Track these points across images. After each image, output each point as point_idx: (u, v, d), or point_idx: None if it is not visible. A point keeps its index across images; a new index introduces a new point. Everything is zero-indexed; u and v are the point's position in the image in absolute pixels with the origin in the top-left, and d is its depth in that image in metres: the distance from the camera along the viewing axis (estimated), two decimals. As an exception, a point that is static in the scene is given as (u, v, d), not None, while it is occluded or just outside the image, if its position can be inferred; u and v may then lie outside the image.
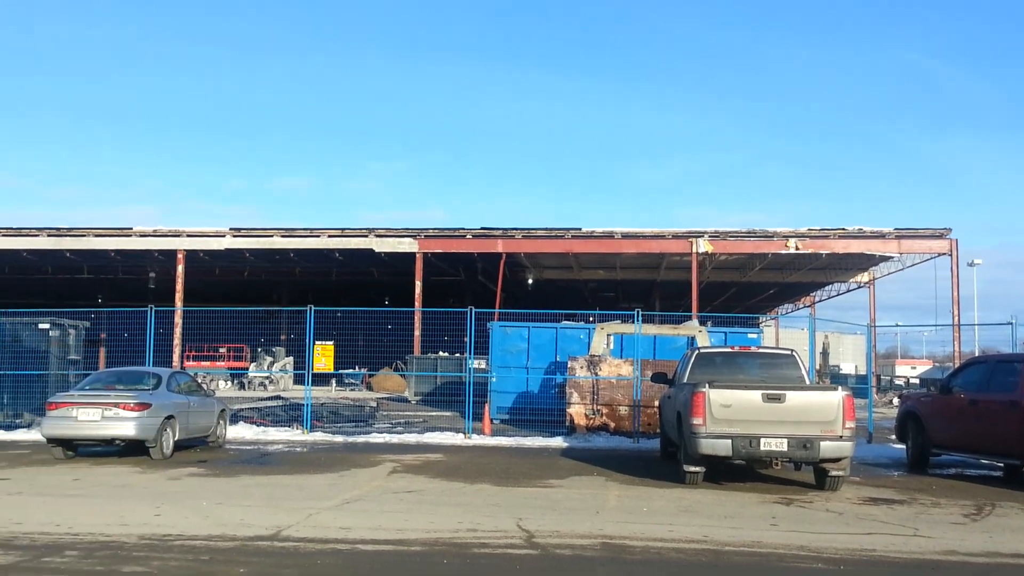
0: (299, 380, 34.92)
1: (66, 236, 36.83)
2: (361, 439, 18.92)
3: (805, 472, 12.77)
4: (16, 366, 20.95)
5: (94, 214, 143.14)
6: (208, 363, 42.81)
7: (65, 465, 14.36)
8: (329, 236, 36.84)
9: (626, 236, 35.91)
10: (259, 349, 44.97)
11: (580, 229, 36.30)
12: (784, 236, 35.07)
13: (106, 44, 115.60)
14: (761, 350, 15.66)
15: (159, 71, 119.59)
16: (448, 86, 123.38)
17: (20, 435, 19.28)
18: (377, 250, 36.54)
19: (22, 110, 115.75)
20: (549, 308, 25.24)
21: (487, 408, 20.30)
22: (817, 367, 25.53)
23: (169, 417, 15.21)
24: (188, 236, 36.88)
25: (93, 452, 16.04)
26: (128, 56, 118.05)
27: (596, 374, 19.63)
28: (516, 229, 36.37)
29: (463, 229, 37.16)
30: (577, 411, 19.62)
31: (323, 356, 33.46)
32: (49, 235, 36.77)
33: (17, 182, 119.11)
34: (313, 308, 20.36)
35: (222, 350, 44.43)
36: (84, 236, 36.80)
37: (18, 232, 36.76)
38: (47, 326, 21.76)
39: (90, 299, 44.92)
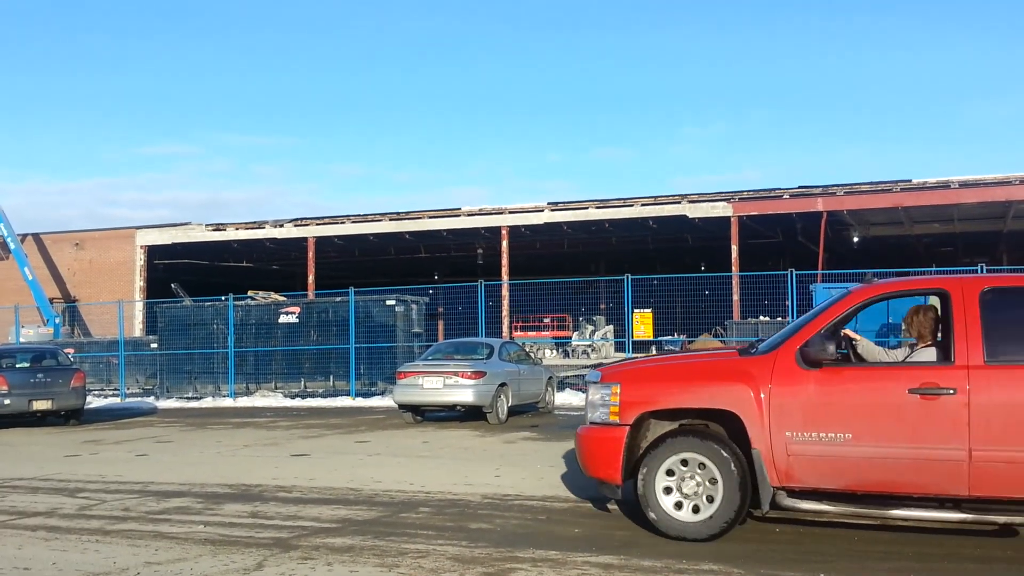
0: (620, 348, 35.66)
1: (405, 219, 40.18)
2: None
3: None
4: (369, 339, 23.32)
5: (428, 197, 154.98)
6: (534, 333, 44.90)
7: (415, 428, 15.78)
8: (642, 205, 37.08)
9: (964, 185, 32.68)
10: (580, 318, 46.42)
11: (910, 180, 33.57)
12: None
13: (426, 37, 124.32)
14: None
15: (477, 59, 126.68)
16: (764, 42, 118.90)
17: (375, 402, 21.46)
18: (690, 216, 36.22)
19: (366, 105, 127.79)
20: (877, 267, 23.66)
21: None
22: None
23: (502, 384, 16.19)
24: (510, 213, 38.77)
25: (437, 417, 17.48)
26: (441, 45, 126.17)
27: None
28: (837, 185, 34.40)
29: (779, 189, 35.78)
30: (915, 376, 18.23)
31: (642, 323, 33.83)
32: (391, 219, 40.32)
33: (362, 171, 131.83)
34: (630, 277, 20.66)
35: (546, 320, 46.42)
36: (420, 219, 39.94)
37: (364, 219, 40.68)
38: (393, 302, 23.99)
39: (427, 276, 48.77)
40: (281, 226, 40.95)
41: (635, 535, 7.23)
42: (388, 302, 24.09)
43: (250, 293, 27.02)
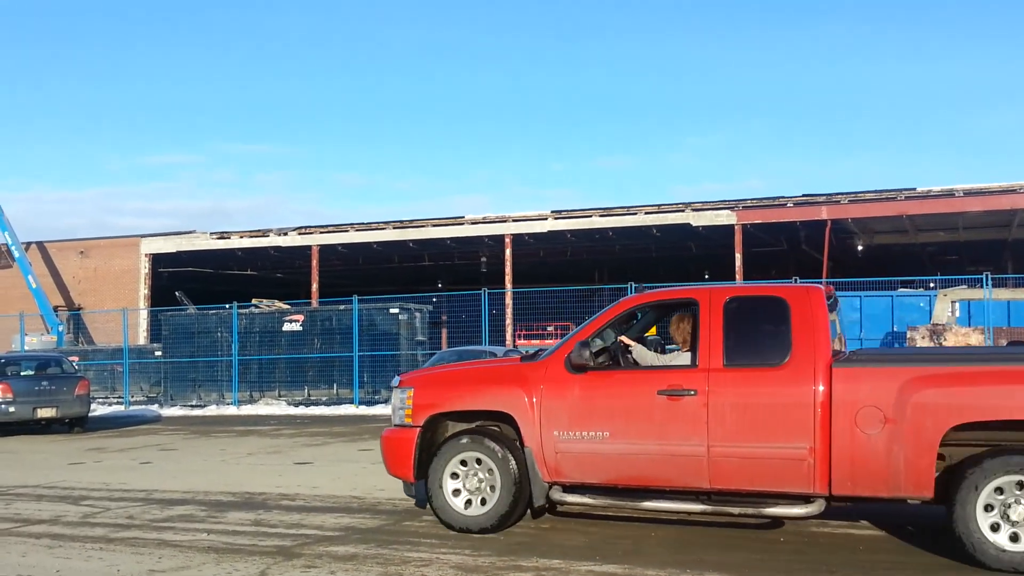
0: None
1: (408, 227, 40.21)
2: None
3: None
4: (373, 348, 23.35)
5: (430, 205, 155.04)
6: (537, 341, 44.82)
7: (418, 437, 15.77)
8: (645, 213, 37.08)
9: (968, 193, 32.63)
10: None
11: (914, 189, 33.52)
12: None
13: (428, 45, 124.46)
14: None
15: (480, 67, 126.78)
16: (766, 51, 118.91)
17: (379, 410, 21.46)
18: (694, 224, 36.21)
19: (368, 113, 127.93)
20: (882, 275, 23.63)
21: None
22: None
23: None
24: (513, 221, 38.79)
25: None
26: (443, 54, 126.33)
27: (940, 344, 18.11)
28: (841, 194, 34.36)
29: (783, 197, 35.75)
30: (919, 385, 18.22)
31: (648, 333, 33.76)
32: (394, 228, 40.35)
33: (364, 180, 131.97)
34: (633, 285, 20.66)
35: (549, 328, 46.35)
36: (423, 227, 39.97)
37: (368, 227, 40.71)
38: (396, 310, 24.03)
39: (431, 284, 48.76)
40: (285, 234, 41.01)
41: (640, 544, 7.22)
42: (392, 310, 24.13)
43: (254, 301, 27.07)
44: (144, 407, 25.02)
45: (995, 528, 6.26)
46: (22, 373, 18.83)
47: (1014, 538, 6.21)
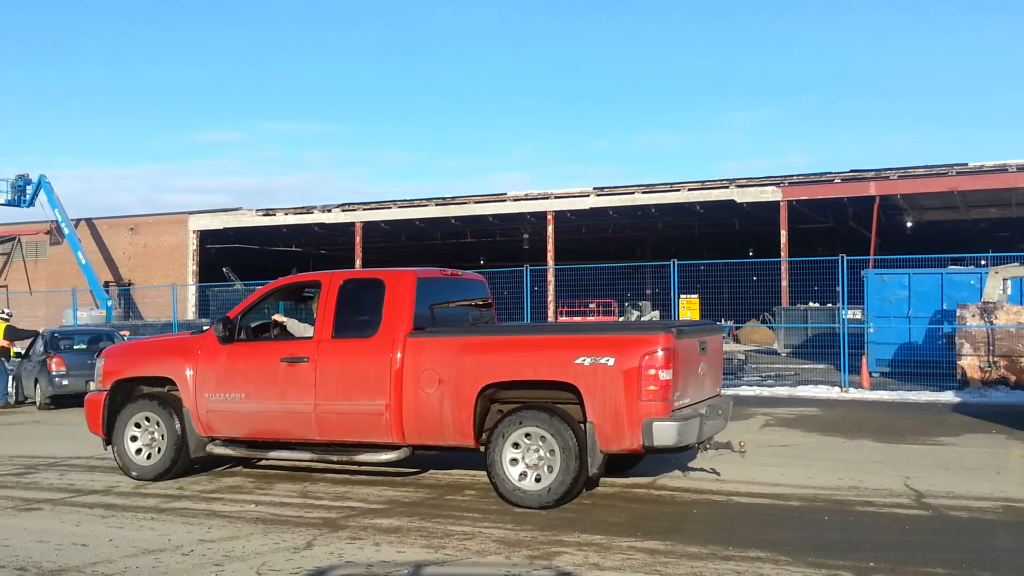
0: (666, 333, 35.39)
1: (451, 204, 40.29)
2: (730, 391, 18.82)
3: None
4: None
5: (472, 183, 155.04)
6: (579, 318, 44.81)
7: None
8: (689, 190, 36.74)
9: (1022, 168, 31.87)
10: (626, 303, 46.22)
11: (966, 164, 32.79)
12: None
13: (471, 24, 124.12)
14: None
15: (522, 45, 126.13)
16: (813, 25, 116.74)
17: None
18: (738, 201, 35.82)
19: (411, 91, 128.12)
20: (931, 252, 23.21)
21: (864, 360, 19.22)
22: None
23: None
24: (555, 198, 38.68)
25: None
26: (486, 32, 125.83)
27: (991, 323, 17.77)
28: (890, 169, 33.72)
29: (830, 173, 35.19)
30: (969, 363, 17.92)
31: (688, 309, 33.58)
32: (437, 204, 40.45)
33: (407, 157, 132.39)
34: (676, 262, 20.50)
35: (591, 305, 46.27)
36: (466, 204, 40.01)
37: (411, 203, 40.87)
38: (439, 287, 24.09)
39: (473, 261, 48.89)
40: (329, 211, 41.32)
41: (681, 521, 7.22)
42: (434, 286, 24.21)
43: (299, 277, 27.31)
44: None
45: (516, 467, 7.72)
46: (75, 347, 19.21)
47: (525, 477, 7.69)
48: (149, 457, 9.23)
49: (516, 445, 7.73)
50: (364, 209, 41.20)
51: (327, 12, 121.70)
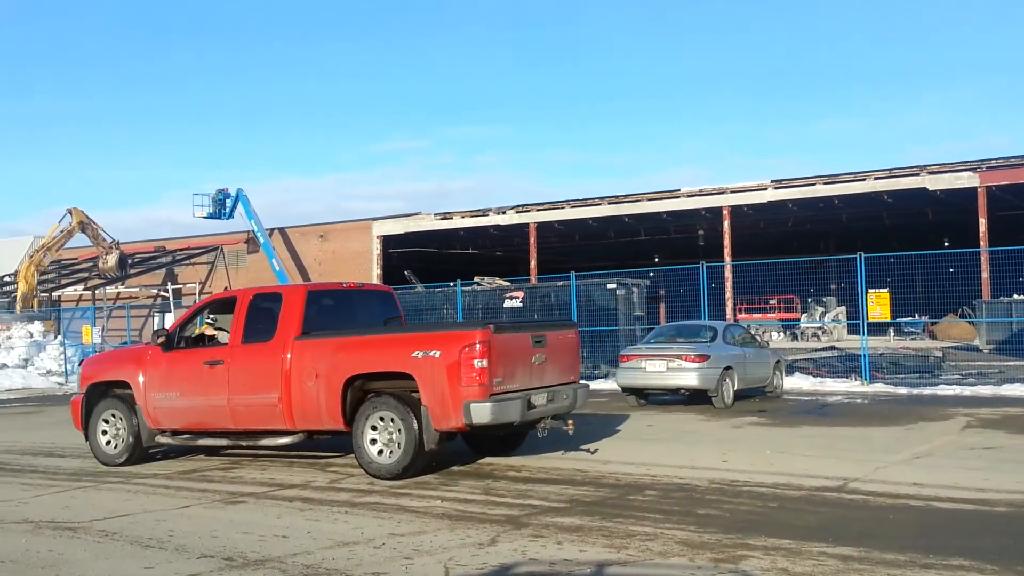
0: (853, 330, 33.89)
1: (623, 203, 40.10)
2: (927, 391, 17.79)
3: None
4: (591, 323, 23.50)
5: (645, 180, 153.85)
6: (759, 315, 43.56)
7: (639, 411, 15.78)
8: (875, 179, 34.94)
9: None
10: (809, 300, 44.55)
11: None
12: None
13: (637, 19, 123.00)
14: None
15: (690, 37, 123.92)
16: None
17: (598, 384, 21.57)
18: (930, 188, 33.73)
19: (581, 90, 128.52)
20: None
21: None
22: None
23: (727, 368, 15.84)
24: (731, 192, 37.75)
25: (661, 400, 17.38)
26: (653, 26, 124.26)
27: None
28: (1106, 147, 30.92)
29: (1034, 155, 32.57)
30: None
31: (877, 304, 31.90)
32: (609, 203, 40.36)
33: (579, 157, 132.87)
34: (863, 255, 19.58)
35: (772, 302, 44.89)
36: (638, 201, 39.71)
37: (583, 203, 40.96)
38: (614, 286, 24.03)
39: (647, 259, 48.46)
40: (503, 213, 42.03)
41: (876, 526, 6.88)
42: (609, 285, 24.15)
43: (476, 279, 27.94)
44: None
45: (375, 445, 9.47)
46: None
47: (382, 452, 9.40)
48: (116, 447, 11.21)
49: (374, 427, 9.46)
50: (538, 210, 41.64)
51: (497, 17, 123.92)
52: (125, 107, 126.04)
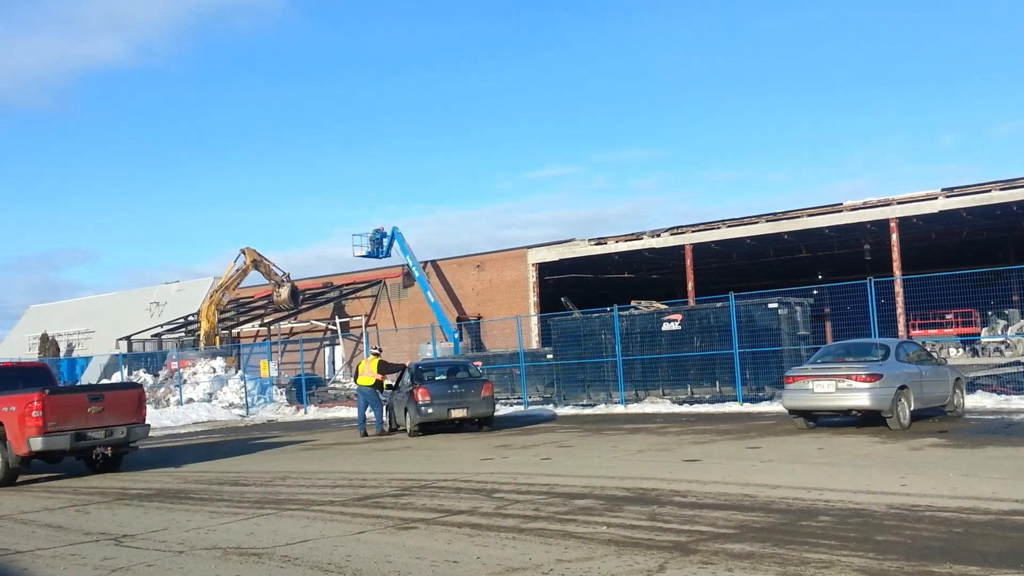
0: (1041, 343, 31.61)
1: (782, 219, 38.98)
2: None
3: None
4: (753, 344, 22.95)
5: (806, 195, 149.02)
6: (935, 331, 41.25)
7: (808, 434, 15.27)
8: (1059, 181, 32.61)
9: None
10: (989, 313, 41.86)
11: None
12: None
13: (800, 25, 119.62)
14: None
15: (853, 39, 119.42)
16: None
17: (764, 407, 21.04)
18: None
19: (734, 105, 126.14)
20: None
21: None
22: None
23: (902, 387, 15.12)
24: (898, 203, 36.07)
25: (831, 422, 16.75)
26: (809, 31, 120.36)
27: None
28: None
29: None
30: None
31: (1068, 315, 29.66)
32: (767, 221, 39.34)
33: (735, 175, 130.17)
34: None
35: (948, 316, 42.43)
36: (798, 217, 38.52)
37: (740, 222, 40.10)
38: (776, 305, 23.40)
39: (810, 276, 46.81)
40: (658, 235, 41.68)
41: (1075, 554, 6.42)
42: (770, 305, 23.53)
43: (633, 303, 27.81)
44: (540, 407, 26.72)
45: None
46: (436, 378, 21.02)
47: None
48: None
49: None
50: (693, 231, 41.08)
51: (650, 39, 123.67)
52: (289, 153, 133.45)
